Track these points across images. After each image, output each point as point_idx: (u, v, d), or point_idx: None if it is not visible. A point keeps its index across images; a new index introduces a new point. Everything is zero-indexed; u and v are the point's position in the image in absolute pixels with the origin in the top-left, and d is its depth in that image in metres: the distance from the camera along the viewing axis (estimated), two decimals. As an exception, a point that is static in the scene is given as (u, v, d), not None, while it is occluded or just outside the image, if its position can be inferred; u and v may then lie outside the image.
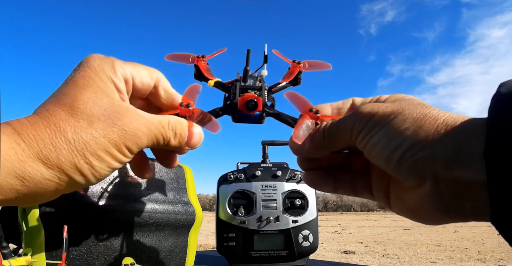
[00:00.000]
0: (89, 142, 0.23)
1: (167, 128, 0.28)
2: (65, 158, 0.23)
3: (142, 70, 0.29)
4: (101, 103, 0.24)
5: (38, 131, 0.22)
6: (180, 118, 0.29)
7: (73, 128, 0.23)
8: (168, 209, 0.43)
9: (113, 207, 0.37)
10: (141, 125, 0.26)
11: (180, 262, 0.45)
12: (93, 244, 0.36)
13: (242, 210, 0.58)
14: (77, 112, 0.24)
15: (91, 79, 0.25)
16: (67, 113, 0.23)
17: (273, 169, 0.61)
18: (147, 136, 0.26)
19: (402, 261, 4.94)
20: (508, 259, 4.90)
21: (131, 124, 0.25)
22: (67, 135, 0.23)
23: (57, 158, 0.22)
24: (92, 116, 0.24)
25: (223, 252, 0.58)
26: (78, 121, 0.23)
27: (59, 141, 0.23)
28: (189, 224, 0.46)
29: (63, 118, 0.23)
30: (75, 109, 0.24)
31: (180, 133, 0.28)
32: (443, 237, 8.51)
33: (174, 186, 0.46)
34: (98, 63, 0.26)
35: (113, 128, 0.24)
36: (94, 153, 0.24)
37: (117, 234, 0.38)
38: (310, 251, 0.59)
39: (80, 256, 0.35)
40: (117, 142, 0.25)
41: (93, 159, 0.24)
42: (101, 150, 0.24)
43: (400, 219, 20.68)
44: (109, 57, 0.27)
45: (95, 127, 0.24)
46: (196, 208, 0.47)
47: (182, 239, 0.45)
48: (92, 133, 0.24)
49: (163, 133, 0.27)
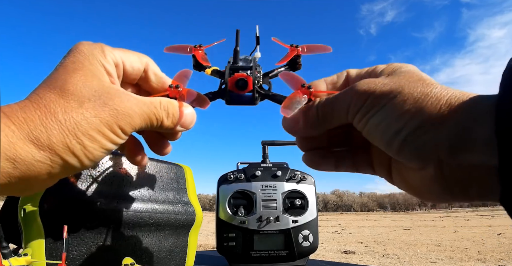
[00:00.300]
0: (80, 122, 0.23)
1: (159, 108, 0.27)
2: (56, 138, 0.22)
3: (132, 55, 0.29)
4: (91, 84, 0.24)
5: (28, 113, 0.22)
6: (170, 99, 0.29)
7: (63, 109, 0.23)
8: (168, 209, 0.43)
9: (113, 207, 0.37)
10: (133, 105, 0.25)
11: (180, 262, 0.45)
12: (93, 244, 0.36)
13: (242, 210, 0.58)
14: (67, 93, 0.23)
15: (80, 63, 0.25)
16: (57, 95, 0.23)
17: (273, 169, 0.61)
18: (140, 116, 0.26)
19: (402, 261, 4.93)
20: (508, 259, 4.90)
21: (123, 104, 0.25)
22: (57, 115, 0.23)
23: (48, 139, 0.22)
24: (83, 97, 0.24)
25: (223, 252, 0.58)
26: (68, 102, 0.23)
27: (50, 121, 0.22)
28: (189, 224, 0.46)
29: (53, 100, 0.23)
30: (65, 91, 0.23)
31: (173, 113, 0.28)
32: (443, 237, 8.51)
33: (174, 186, 0.46)
34: (88, 48, 0.26)
35: (104, 108, 0.24)
36: (86, 133, 0.23)
37: (117, 234, 0.38)
38: (310, 251, 0.59)
39: (80, 256, 0.35)
40: (109, 122, 0.24)
41: (85, 139, 0.23)
42: (93, 130, 0.24)
43: (400, 219, 20.61)
44: (98, 43, 0.27)
45: (86, 107, 0.23)
46: (196, 208, 0.47)
47: (182, 239, 0.45)
48: (83, 113, 0.23)
49: (155, 113, 0.27)
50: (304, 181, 0.60)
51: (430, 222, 17.41)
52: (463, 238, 7.99)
